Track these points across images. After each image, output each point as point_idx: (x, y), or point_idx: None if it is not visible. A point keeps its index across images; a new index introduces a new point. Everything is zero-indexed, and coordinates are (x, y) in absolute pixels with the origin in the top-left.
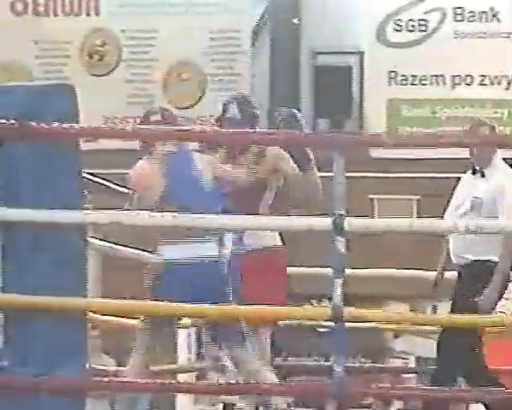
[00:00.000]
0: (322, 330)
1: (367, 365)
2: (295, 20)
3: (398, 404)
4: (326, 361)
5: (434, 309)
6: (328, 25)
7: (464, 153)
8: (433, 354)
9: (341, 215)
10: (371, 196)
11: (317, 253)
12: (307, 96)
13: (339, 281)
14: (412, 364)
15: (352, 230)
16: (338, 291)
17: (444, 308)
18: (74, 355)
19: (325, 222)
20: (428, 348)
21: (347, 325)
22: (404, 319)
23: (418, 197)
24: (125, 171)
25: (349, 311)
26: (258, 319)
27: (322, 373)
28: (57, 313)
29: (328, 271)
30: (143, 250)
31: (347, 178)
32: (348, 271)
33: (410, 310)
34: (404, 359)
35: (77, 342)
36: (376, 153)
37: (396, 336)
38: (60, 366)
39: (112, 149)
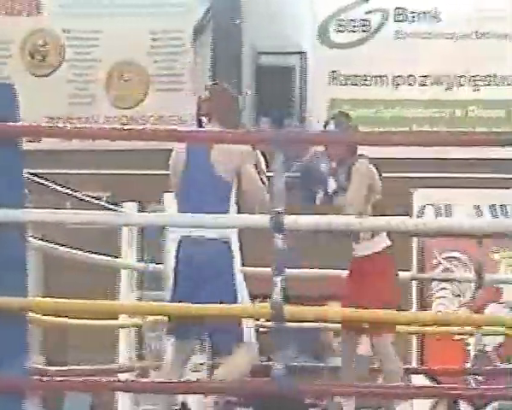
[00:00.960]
0: (262, 329)
1: (308, 363)
2: (237, 21)
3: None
4: (268, 360)
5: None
6: (270, 25)
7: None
8: (374, 352)
9: (280, 213)
10: None
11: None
12: (249, 96)
13: (279, 279)
14: None
15: (291, 227)
16: (278, 289)
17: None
18: (16, 355)
19: (263, 219)
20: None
21: (288, 323)
22: (344, 316)
23: None
24: (68, 171)
25: (289, 309)
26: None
27: (264, 372)
28: None
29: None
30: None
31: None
32: (288, 271)
33: None
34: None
35: (19, 342)
36: None
37: (337, 335)
38: (1, 366)
39: (54, 149)
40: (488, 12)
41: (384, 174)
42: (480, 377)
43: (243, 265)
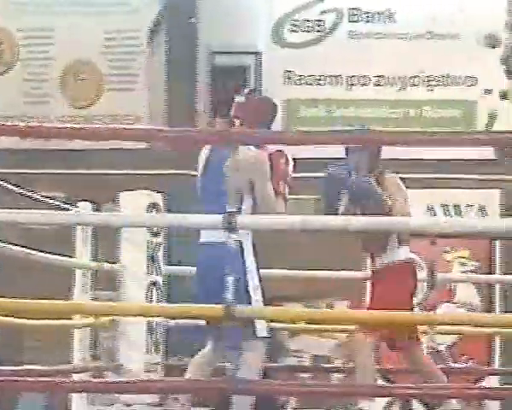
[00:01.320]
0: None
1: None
2: (192, 20)
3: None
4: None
5: (330, 308)
6: (224, 25)
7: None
8: (329, 353)
9: (232, 212)
10: None
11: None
12: (204, 96)
13: (231, 279)
14: (307, 362)
15: (243, 227)
16: (230, 289)
17: (340, 307)
18: None
19: (216, 219)
20: (324, 346)
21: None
22: (297, 316)
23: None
24: (23, 171)
25: (241, 309)
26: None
27: (217, 371)
28: None
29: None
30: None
31: None
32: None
33: None
34: (299, 357)
35: None
36: None
37: (291, 335)
38: None
39: (9, 148)
40: (441, 13)
41: None
42: None
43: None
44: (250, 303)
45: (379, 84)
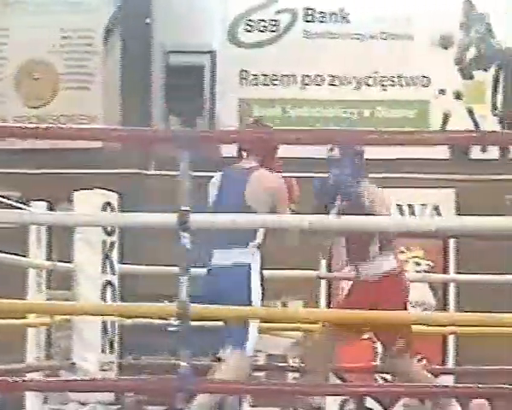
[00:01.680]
0: (171, 328)
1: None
2: (147, 20)
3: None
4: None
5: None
6: (179, 24)
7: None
8: (284, 351)
9: (186, 211)
10: None
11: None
12: (159, 95)
13: (185, 278)
14: (262, 361)
15: (197, 226)
16: (184, 289)
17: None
18: None
19: (170, 218)
20: (279, 345)
21: (196, 323)
22: (251, 314)
23: None
24: None
25: (195, 308)
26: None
27: (172, 371)
28: None
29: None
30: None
31: (193, 177)
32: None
33: None
34: (254, 356)
35: None
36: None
37: None
38: None
39: None
40: (395, 13)
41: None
42: (387, 376)
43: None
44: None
45: (333, 84)
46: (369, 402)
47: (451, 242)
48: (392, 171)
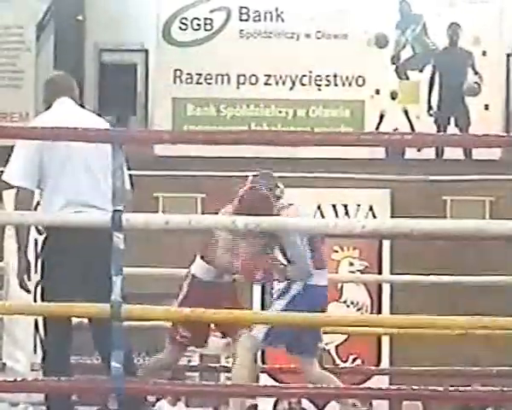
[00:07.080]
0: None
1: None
2: (80, 17)
3: None
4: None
5: None
6: (113, 22)
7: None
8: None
9: (119, 211)
10: (156, 195)
11: None
12: (92, 93)
13: (118, 278)
14: (196, 362)
15: (130, 226)
16: (117, 288)
17: None
18: None
19: (104, 218)
20: (213, 345)
21: (128, 322)
22: (189, 315)
23: (203, 196)
24: None
25: (128, 308)
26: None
27: (104, 371)
28: None
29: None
30: None
31: (133, 176)
32: (127, 269)
33: None
34: (187, 356)
35: None
36: (161, 151)
37: None
38: None
39: None
40: (330, 13)
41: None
42: None
43: None
44: None
45: (268, 84)
46: (305, 403)
47: (386, 242)
48: (325, 170)
